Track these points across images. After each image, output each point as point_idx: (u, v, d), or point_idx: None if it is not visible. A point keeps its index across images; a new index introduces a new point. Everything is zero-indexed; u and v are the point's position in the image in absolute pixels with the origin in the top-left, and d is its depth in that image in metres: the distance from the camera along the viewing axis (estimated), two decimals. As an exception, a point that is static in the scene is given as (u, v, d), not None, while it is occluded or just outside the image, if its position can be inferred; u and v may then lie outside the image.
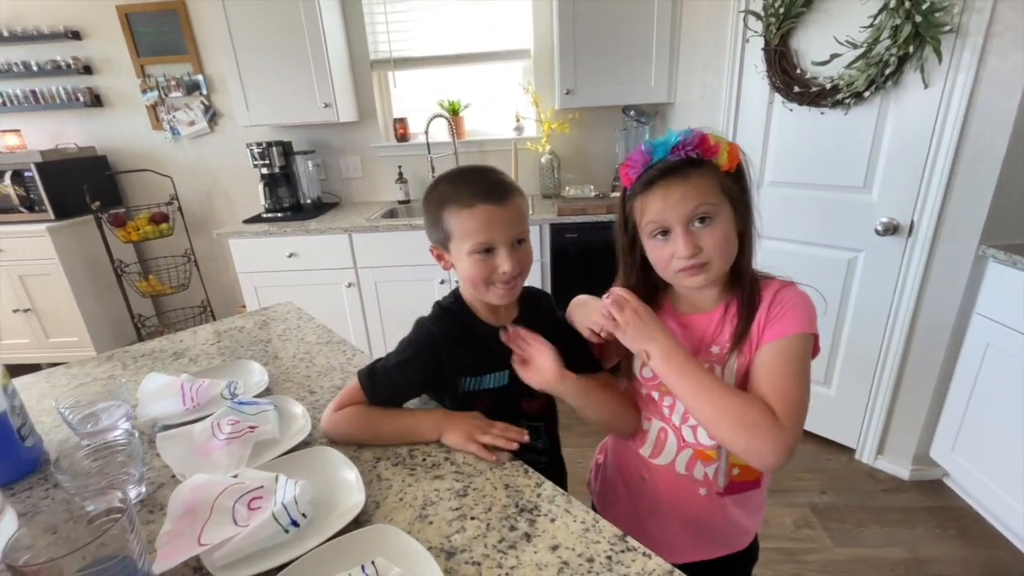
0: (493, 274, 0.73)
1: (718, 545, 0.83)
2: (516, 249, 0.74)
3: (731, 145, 0.69)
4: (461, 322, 0.80)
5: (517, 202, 0.74)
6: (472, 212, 0.71)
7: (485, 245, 0.72)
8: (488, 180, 0.74)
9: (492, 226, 0.71)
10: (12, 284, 2.66)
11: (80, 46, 2.68)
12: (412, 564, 0.53)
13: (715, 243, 0.67)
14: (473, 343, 0.79)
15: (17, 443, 0.72)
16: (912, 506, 1.70)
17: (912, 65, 1.47)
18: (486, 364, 0.80)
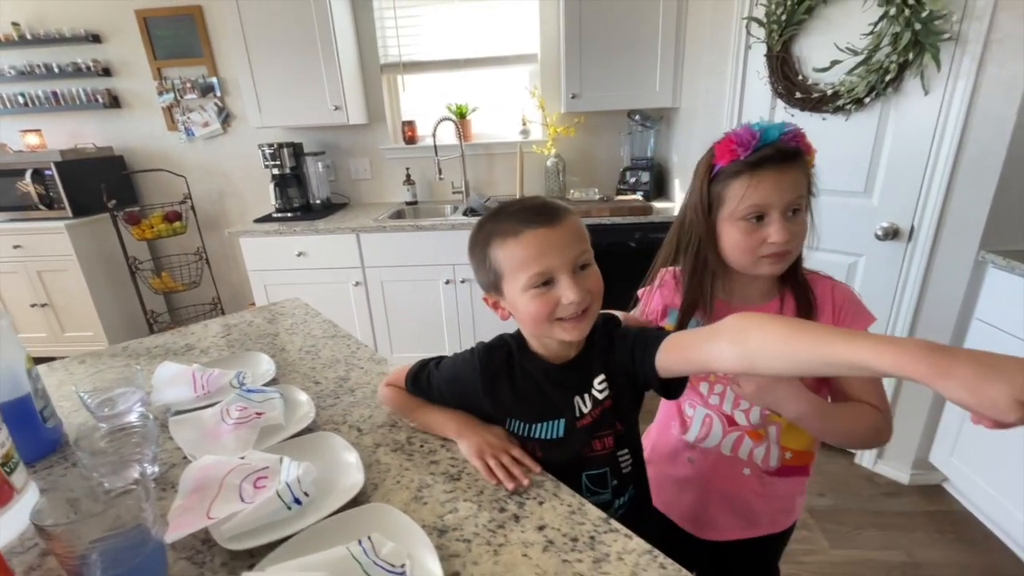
0: (557, 308, 0.62)
1: (762, 525, 0.87)
2: (580, 275, 0.63)
3: (811, 147, 0.74)
4: (513, 358, 0.72)
5: (572, 220, 0.64)
6: (520, 240, 0.62)
7: (543, 276, 0.62)
8: (534, 204, 0.65)
9: (547, 252, 0.61)
10: (30, 279, 2.74)
11: (100, 49, 2.76)
12: (406, 540, 0.56)
13: (801, 234, 0.73)
14: (522, 386, 0.71)
15: (40, 423, 0.76)
16: (911, 510, 1.71)
17: (912, 72, 1.49)
18: (538, 411, 0.70)
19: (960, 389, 0.39)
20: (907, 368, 0.41)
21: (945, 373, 0.40)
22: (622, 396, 0.70)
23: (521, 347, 0.73)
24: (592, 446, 0.71)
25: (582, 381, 0.70)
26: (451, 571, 0.54)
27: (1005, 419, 0.38)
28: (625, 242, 2.24)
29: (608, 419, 0.71)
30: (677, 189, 2.45)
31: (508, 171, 2.77)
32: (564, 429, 0.70)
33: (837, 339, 0.46)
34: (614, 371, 0.69)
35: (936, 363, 0.40)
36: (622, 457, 0.73)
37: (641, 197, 2.47)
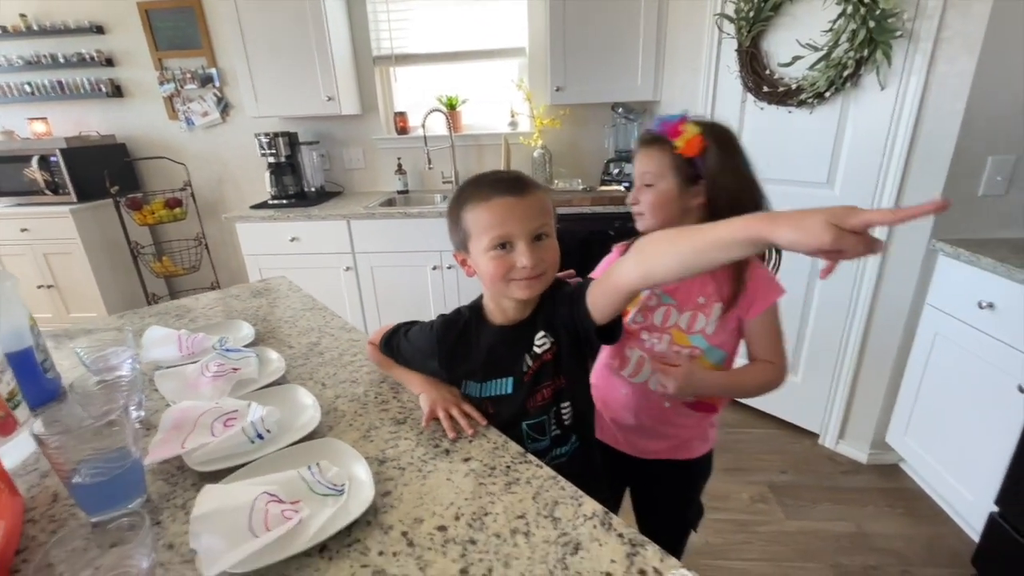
0: (512, 270, 0.70)
1: (680, 448, 1.02)
2: (537, 245, 0.71)
3: (694, 136, 0.87)
4: (468, 328, 0.80)
5: (538, 194, 0.71)
6: (489, 205, 0.70)
7: (502, 239, 0.69)
8: (506, 177, 0.73)
9: (509, 219, 0.69)
10: (37, 262, 2.86)
11: (103, 40, 2.86)
12: (349, 466, 0.66)
13: (648, 202, 0.91)
14: (478, 350, 0.79)
15: (40, 374, 0.86)
16: (866, 487, 1.80)
17: (868, 68, 1.56)
18: (490, 371, 0.79)
19: (787, 228, 0.48)
20: (750, 228, 0.51)
21: (775, 221, 0.50)
22: (563, 350, 0.77)
23: (477, 315, 0.81)
24: (534, 398, 0.78)
25: (529, 340, 0.77)
26: (384, 491, 0.63)
27: (822, 240, 0.46)
28: (605, 231, 2.32)
29: (548, 372, 0.77)
30: (658, 180, 2.52)
31: (496, 162, 2.85)
32: (512, 385, 0.78)
33: (706, 227, 0.56)
34: (556, 326, 0.76)
35: (769, 218, 0.51)
36: (564, 409, 0.79)
37: (624, 188, 2.55)
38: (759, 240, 0.51)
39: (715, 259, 0.56)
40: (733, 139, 0.92)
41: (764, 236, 0.50)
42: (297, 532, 0.55)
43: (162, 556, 0.56)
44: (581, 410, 0.82)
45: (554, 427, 0.80)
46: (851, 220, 0.46)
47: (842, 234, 0.46)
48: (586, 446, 0.84)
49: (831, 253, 0.48)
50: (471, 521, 0.58)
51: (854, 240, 0.46)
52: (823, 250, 0.47)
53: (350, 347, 1.04)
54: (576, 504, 0.60)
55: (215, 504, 0.57)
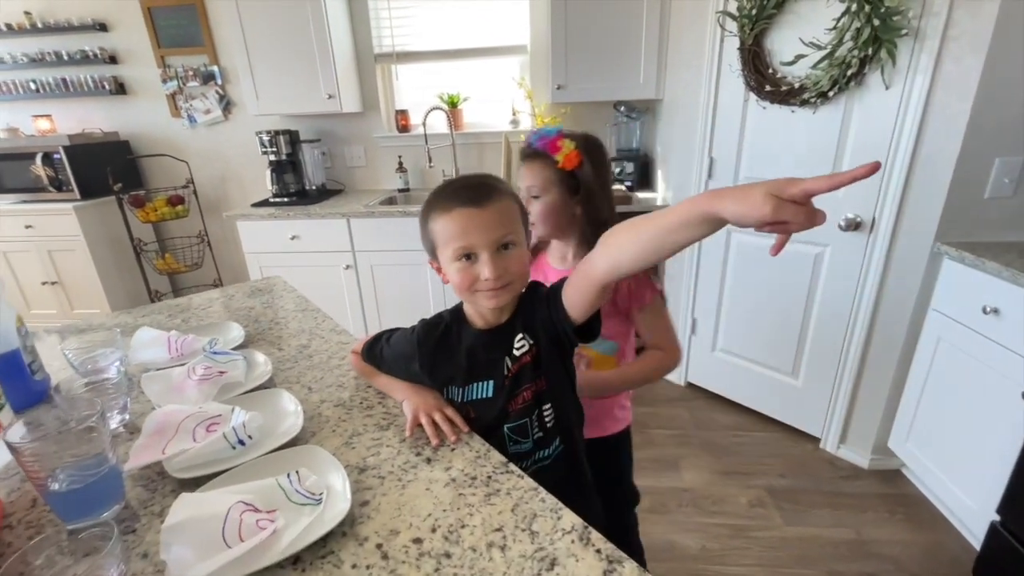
0: (476, 281, 0.70)
1: (594, 427, 1.04)
2: (501, 255, 0.70)
3: (572, 152, 0.94)
4: (449, 332, 0.80)
5: (501, 204, 0.70)
6: (450, 216, 0.69)
7: (465, 250, 0.69)
8: (470, 184, 0.72)
9: (471, 230, 0.68)
10: (41, 258, 2.88)
11: (106, 37, 2.87)
12: (328, 474, 0.65)
13: (537, 212, 0.98)
14: (458, 354, 0.79)
15: (28, 375, 0.86)
16: (866, 492, 1.77)
17: (872, 67, 1.53)
18: (470, 374, 0.78)
19: (731, 202, 0.49)
20: (699, 205, 0.52)
21: (721, 195, 0.51)
22: (542, 351, 0.75)
23: (457, 319, 0.81)
24: (515, 400, 0.76)
25: (509, 343, 0.76)
26: (361, 500, 0.63)
27: (763, 211, 0.46)
28: (606, 231, 2.31)
29: (527, 374, 0.75)
30: (660, 180, 2.50)
31: (497, 160, 2.84)
32: (493, 389, 0.77)
33: (661, 213, 0.57)
34: (535, 328, 0.75)
35: (715, 194, 0.51)
36: (546, 411, 0.78)
37: (625, 187, 2.53)
38: (709, 215, 0.52)
39: (675, 241, 0.57)
40: (603, 152, 1.02)
41: (712, 211, 0.51)
42: (270, 543, 0.54)
43: (136, 566, 0.55)
44: (564, 412, 0.80)
45: (536, 430, 0.78)
46: (790, 190, 0.46)
47: (782, 204, 0.46)
48: (571, 449, 0.82)
49: (776, 226, 0.49)
50: (447, 533, 0.57)
51: (794, 210, 0.46)
52: (766, 221, 0.48)
53: (339, 350, 1.03)
54: (555, 517, 0.59)
55: (189, 513, 0.56)
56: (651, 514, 1.69)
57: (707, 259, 2.17)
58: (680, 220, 0.55)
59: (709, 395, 2.32)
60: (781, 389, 2.07)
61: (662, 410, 2.24)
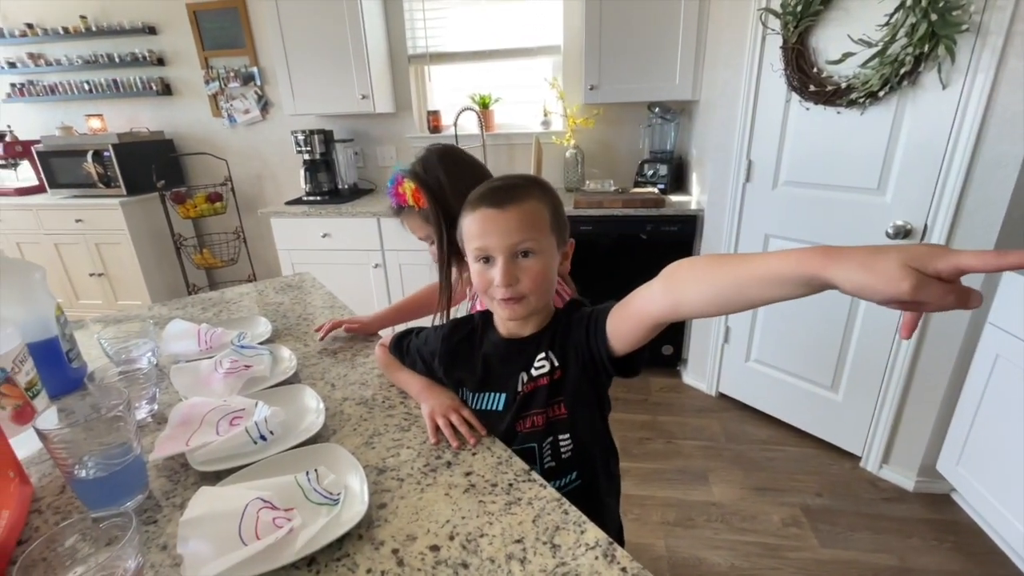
0: (491, 287, 0.67)
1: None
2: (516, 262, 0.66)
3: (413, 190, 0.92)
4: (475, 334, 0.78)
5: (525, 207, 0.66)
6: (474, 215, 0.67)
7: (483, 252, 0.67)
8: (499, 184, 0.69)
9: (488, 232, 0.65)
10: (89, 251, 3.02)
11: (155, 40, 2.98)
12: (346, 474, 0.64)
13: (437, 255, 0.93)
14: (477, 358, 0.76)
15: (65, 363, 0.89)
16: (911, 516, 1.67)
17: (928, 65, 1.44)
18: (484, 382, 0.75)
19: (852, 268, 0.39)
20: (807, 263, 0.42)
21: (839, 258, 0.40)
22: (568, 377, 0.69)
23: (485, 322, 0.78)
24: (523, 422, 0.71)
25: (528, 359, 0.72)
26: (379, 502, 0.61)
27: (899, 288, 0.37)
28: (636, 234, 2.25)
29: (540, 398, 0.70)
30: (695, 183, 2.43)
31: (528, 161, 2.82)
32: (504, 403, 0.73)
33: (751, 258, 0.48)
34: (566, 350, 0.69)
35: (831, 254, 0.41)
36: (562, 441, 0.71)
37: (658, 190, 2.47)
38: (814, 279, 0.42)
39: (758, 296, 0.47)
40: (441, 166, 0.92)
41: (821, 275, 0.41)
42: (286, 542, 0.53)
43: (155, 557, 0.55)
44: (586, 447, 0.73)
45: (548, 458, 0.72)
46: (937, 264, 0.36)
47: (925, 281, 0.36)
48: (590, 487, 0.74)
49: (909, 304, 0.38)
50: (465, 542, 0.55)
51: (941, 291, 0.36)
52: (900, 300, 0.37)
53: (364, 348, 1.03)
54: (578, 531, 0.56)
55: (207, 507, 0.56)
56: (677, 527, 1.63)
57: (742, 265, 2.09)
58: (773, 274, 0.45)
59: (741, 406, 2.24)
60: (819, 403, 1.97)
61: (691, 420, 2.17)
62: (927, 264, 0.36)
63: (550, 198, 0.70)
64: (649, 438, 2.06)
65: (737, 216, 2.05)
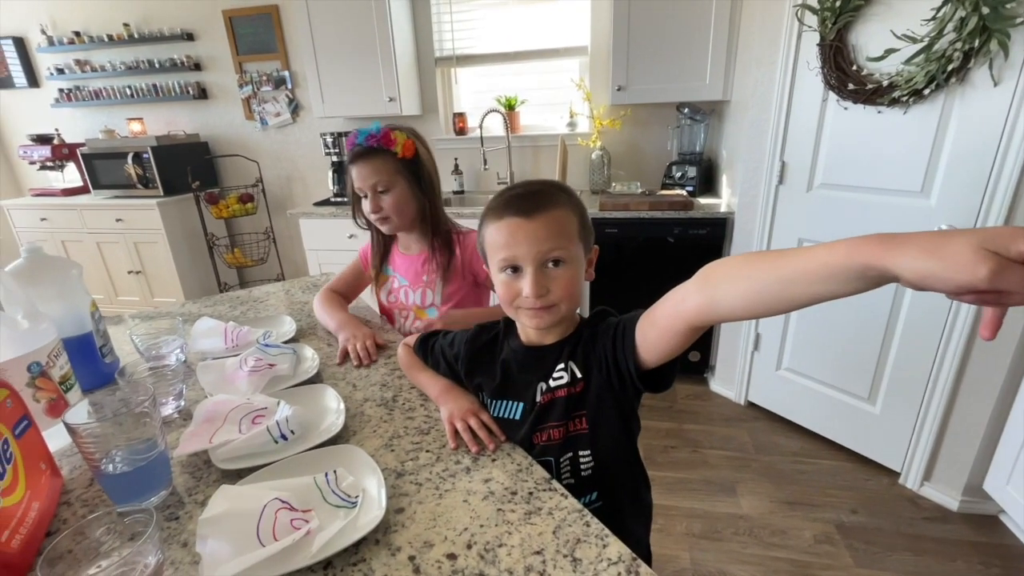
0: (518, 297, 0.65)
1: None
2: (546, 271, 0.64)
3: (407, 141, 1.05)
4: (497, 339, 0.77)
5: (554, 215, 0.63)
6: (500, 224, 0.64)
7: (510, 262, 0.64)
8: (527, 191, 0.65)
9: (517, 242, 0.63)
10: (128, 249, 3.13)
11: (192, 46, 3.08)
12: (365, 477, 0.63)
13: (390, 205, 1.05)
14: (498, 364, 0.75)
15: (99, 358, 0.91)
16: (955, 538, 1.58)
17: (978, 61, 1.36)
18: (502, 389, 0.74)
19: (918, 254, 0.34)
20: (860, 251, 0.37)
21: (899, 244, 0.35)
22: (591, 390, 0.67)
23: (508, 327, 0.77)
24: (540, 435, 0.69)
25: (548, 369, 0.69)
26: (396, 507, 0.60)
27: (974, 274, 0.32)
28: (663, 237, 2.21)
29: (557, 411, 0.68)
30: (725, 185, 2.37)
31: (553, 162, 2.80)
32: (521, 412, 0.71)
33: (795, 252, 0.43)
34: (588, 362, 0.67)
35: (888, 240, 0.36)
36: (583, 457, 0.68)
37: (686, 192, 2.42)
38: (869, 269, 0.37)
39: (805, 294, 0.42)
40: (424, 138, 1.13)
41: (878, 264, 0.36)
42: (303, 544, 0.53)
43: (175, 554, 0.55)
44: (608, 466, 0.69)
45: (567, 475, 0.69)
46: (1020, 244, 0.31)
47: (1007, 265, 0.31)
48: (611, 510, 0.69)
49: (987, 295, 0.33)
50: (483, 552, 0.53)
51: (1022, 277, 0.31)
52: (976, 289, 0.32)
53: (383, 349, 1.02)
54: (600, 545, 0.54)
55: (227, 506, 0.56)
56: (703, 539, 1.58)
57: (774, 270, 2.02)
58: (821, 267, 0.40)
59: (771, 416, 2.16)
60: (855, 415, 1.88)
61: (719, 429, 2.11)
62: (1009, 246, 0.31)
63: (576, 204, 0.68)
64: (674, 446, 2.01)
65: (769, 219, 1.99)
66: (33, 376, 0.71)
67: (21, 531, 0.54)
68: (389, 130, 1.04)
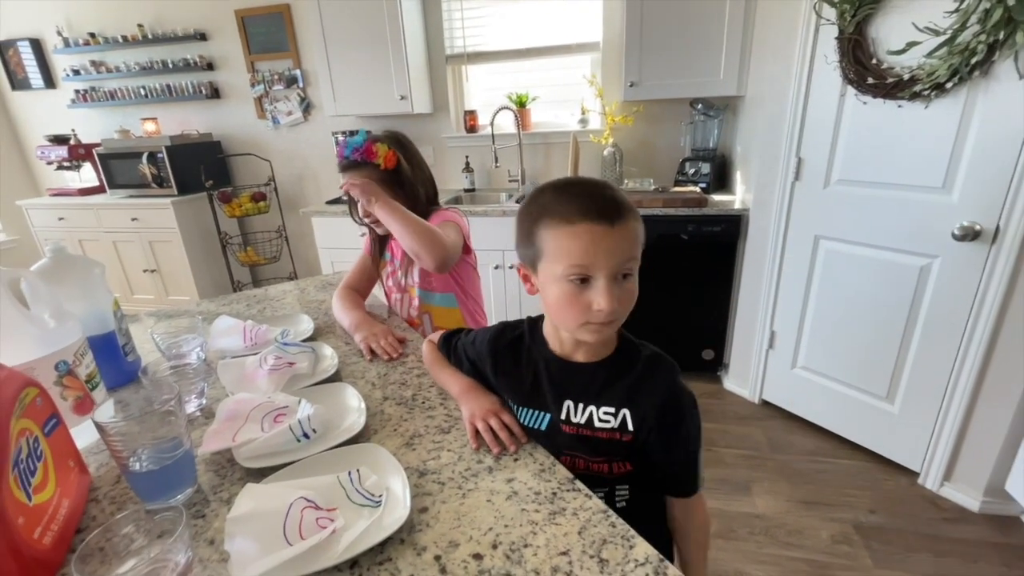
0: (586, 312, 0.61)
1: None
2: (618, 284, 0.61)
3: (388, 153, 1.10)
4: (521, 342, 0.75)
5: (631, 224, 0.60)
6: (574, 230, 0.59)
7: (582, 272, 0.59)
8: (600, 195, 0.61)
9: (594, 251, 0.59)
10: (143, 248, 3.17)
11: (205, 46, 3.10)
12: (388, 476, 0.63)
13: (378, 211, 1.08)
14: (522, 368, 0.73)
15: (121, 356, 0.92)
16: (977, 539, 1.55)
17: (1003, 54, 1.33)
18: (527, 397, 0.72)
19: None
20: None
21: None
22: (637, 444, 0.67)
23: (533, 330, 0.75)
24: (574, 461, 0.69)
25: (581, 389, 0.68)
26: (420, 506, 0.60)
27: None
28: (677, 234, 2.19)
29: (598, 448, 0.68)
30: (739, 181, 2.35)
31: (565, 160, 2.79)
32: (548, 424, 0.70)
33: None
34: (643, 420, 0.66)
35: None
36: (619, 491, 0.70)
37: (700, 189, 2.39)
38: None
39: None
40: (410, 144, 1.19)
41: None
42: (329, 543, 0.53)
43: (203, 551, 0.56)
44: (644, 503, 0.70)
45: None
46: None
47: None
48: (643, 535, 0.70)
49: None
50: (509, 552, 0.53)
51: None
52: None
53: (406, 343, 1.02)
54: (627, 546, 0.53)
55: (253, 505, 0.56)
56: (718, 539, 1.57)
57: (790, 267, 2.00)
58: None
59: (786, 415, 2.14)
60: (872, 414, 1.86)
61: (733, 428, 2.09)
62: None
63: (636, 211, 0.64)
64: (688, 445, 1.99)
65: (785, 216, 1.96)
66: (61, 375, 0.72)
67: (53, 528, 0.55)
68: (371, 143, 1.09)
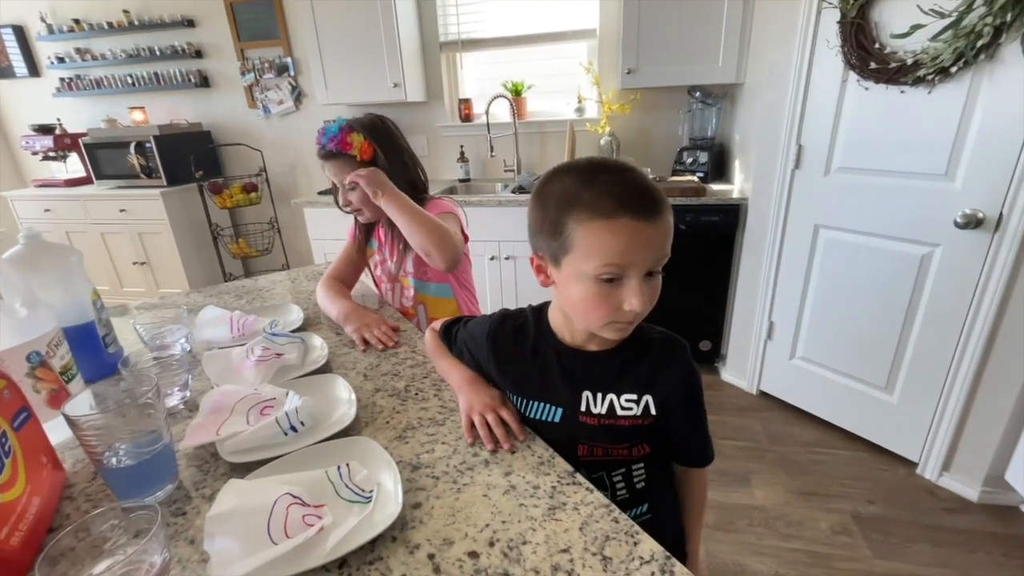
0: (615, 311, 0.57)
1: None
2: (648, 282, 0.57)
3: (363, 144, 1.08)
4: (525, 331, 0.71)
5: (668, 217, 0.56)
6: (614, 226, 0.53)
7: (617, 272, 0.55)
8: (637, 186, 0.55)
9: (633, 248, 0.54)
10: (132, 240, 3.11)
11: (193, 33, 3.03)
12: (379, 470, 0.60)
13: (359, 200, 1.14)
14: (529, 360, 0.70)
15: (101, 348, 0.88)
16: (975, 529, 1.54)
17: (1010, 36, 1.30)
18: (537, 390, 0.69)
19: None
20: None
21: None
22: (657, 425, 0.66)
23: (539, 320, 0.71)
24: (592, 450, 0.67)
25: (598, 379, 0.66)
26: (414, 501, 0.57)
27: None
28: (675, 225, 2.15)
29: (621, 436, 0.66)
30: (737, 170, 2.32)
31: (561, 149, 2.75)
32: (561, 417, 0.67)
33: None
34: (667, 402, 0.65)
35: None
36: (636, 470, 0.68)
37: (698, 178, 2.36)
38: None
39: None
40: (388, 130, 1.13)
41: None
42: (316, 542, 0.50)
43: (182, 551, 0.53)
44: (660, 482, 0.71)
45: (621, 488, 0.68)
46: None
47: None
48: (659, 523, 0.67)
49: None
50: (507, 549, 0.50)
51: None
52: None
53: (399, 331, 0.99)
54: (631, 543, 0.50)
55: (235, 502, 0.53)
56: (716, 531, 1.56)
57: (789, 256, 1.97)
58: None
59: (784, 406, 2.13)
60: (871, 405, 1.85)
61: (731, 419, 2.08)
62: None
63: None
64: (686, 436, 1.98)
65: (784, 205, 1.94)
66: (33, 366, 0.68)
67: (21, 527, 0.52)
68: (346, 133, 1.06)
